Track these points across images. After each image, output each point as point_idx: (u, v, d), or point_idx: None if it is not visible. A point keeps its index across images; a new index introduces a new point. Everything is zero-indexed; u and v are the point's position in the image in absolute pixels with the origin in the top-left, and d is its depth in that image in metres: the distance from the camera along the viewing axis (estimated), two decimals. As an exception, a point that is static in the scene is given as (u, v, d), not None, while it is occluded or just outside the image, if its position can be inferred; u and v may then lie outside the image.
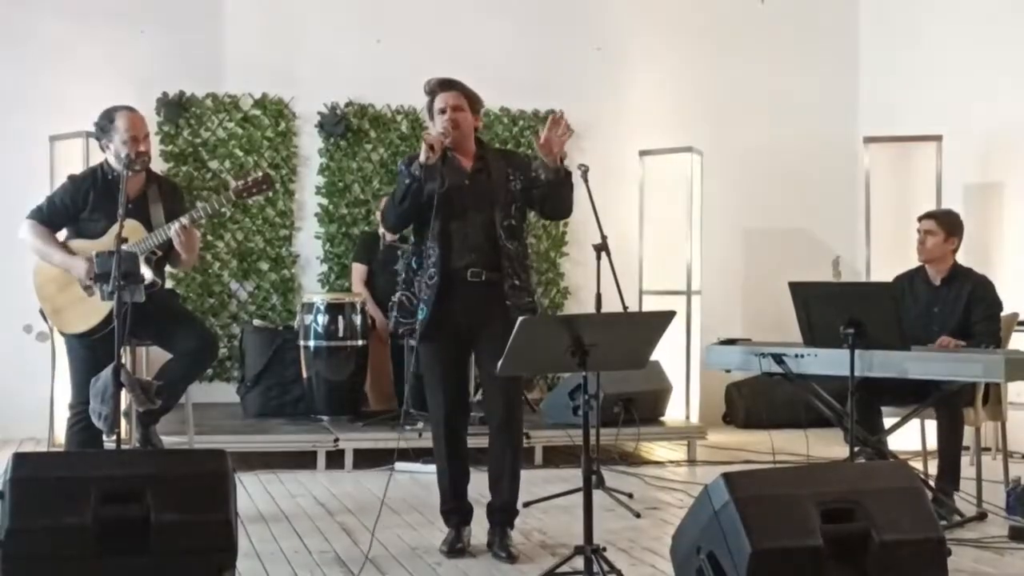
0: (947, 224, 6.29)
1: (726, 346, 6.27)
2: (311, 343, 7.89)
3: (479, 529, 5.38)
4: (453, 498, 5.29)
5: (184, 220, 5.36)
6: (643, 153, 9.06)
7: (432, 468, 5.47)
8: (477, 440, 6.84)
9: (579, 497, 4.75)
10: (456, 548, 5.22)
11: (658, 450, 8.18)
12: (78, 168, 6.67)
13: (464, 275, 5.08)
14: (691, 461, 7.82)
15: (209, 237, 8.76)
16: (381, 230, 8.40)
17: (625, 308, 6.68)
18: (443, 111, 5.13)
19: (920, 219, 6.38)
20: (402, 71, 9.10)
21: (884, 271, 7.61)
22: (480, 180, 5.16)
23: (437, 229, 5.07)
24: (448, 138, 5.07)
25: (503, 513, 5.28)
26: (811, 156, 9.81)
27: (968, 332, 6.09)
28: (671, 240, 8.82)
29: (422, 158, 5.01)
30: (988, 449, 7.45)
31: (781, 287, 5.97)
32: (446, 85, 5.19)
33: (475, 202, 5.11)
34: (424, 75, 5.40)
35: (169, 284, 6.07)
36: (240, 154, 8.92)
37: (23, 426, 8.25)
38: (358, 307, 7.99)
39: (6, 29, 8.55)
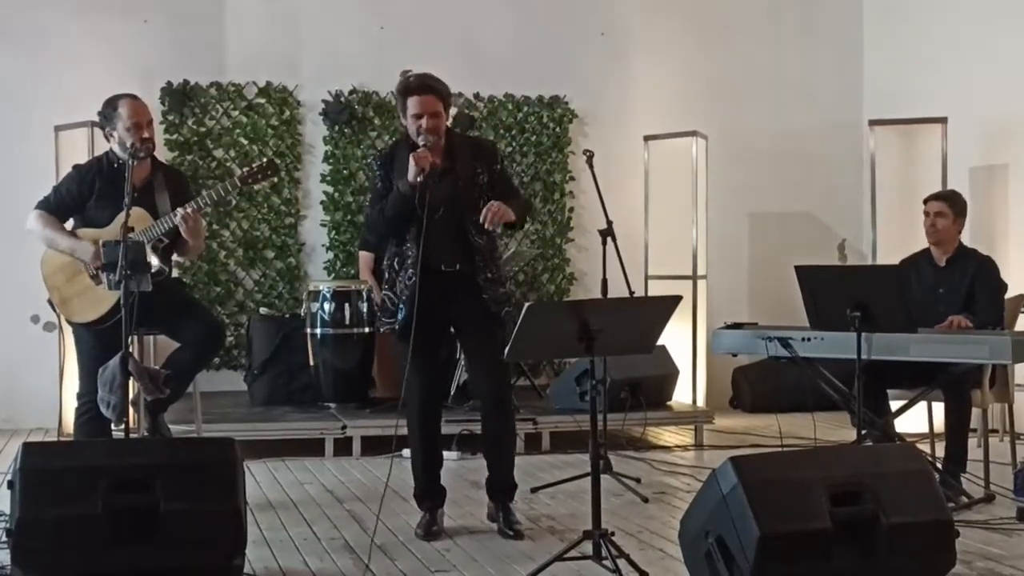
0: (956, 205, 6.31)
1: (732, 330, 6.26)
2: (318, 331, 7.90)
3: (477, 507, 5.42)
4: (427, 482, 5.36)
5: (189, 207, 5.36)
6: (648, 138, 9.04)
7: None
8: (470, 426, 6.93)
9: (587, 482, 4.76)
10: (432, 531, 5.30)
11: (665, 435, 8.18)
12: (83, 158, 6.66)
13: (439, 270, 5.16)
14: (698, 445, 7.83)
15: (215, 226, 8.77)
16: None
17: (631, 293, 6.69)
18: (419, 116, 5.10)
19: (927, 201, 6.37)
20: (406, 58, 9.04)
21: (890, 254, 7.60)
22: (449, 178, 5.19)
23: (414, 231, 5.11)
24: (431, 148, 5.08)
25: (503, 490, 5.40)
26: (816, 139, 9.79)
27: (972, 312, 6.08)
28: (676, 225, 8.81)
29: (412, 177, 5.03)
30: (995, 431, 7.45)
31: (787, 271, 5.96)
32: (422, 88, 5.13)
33: (446, 200, 5.14)
34: (428, 62, 5.44)
35: (175, 273, 6.07)
36: (245, 143, 8.92)
37: (32, 416, 8.30)
38: (364, 294, 7.99)
39: (10, 21, 8.54)
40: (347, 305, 7.91)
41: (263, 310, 8.70)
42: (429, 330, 5.19)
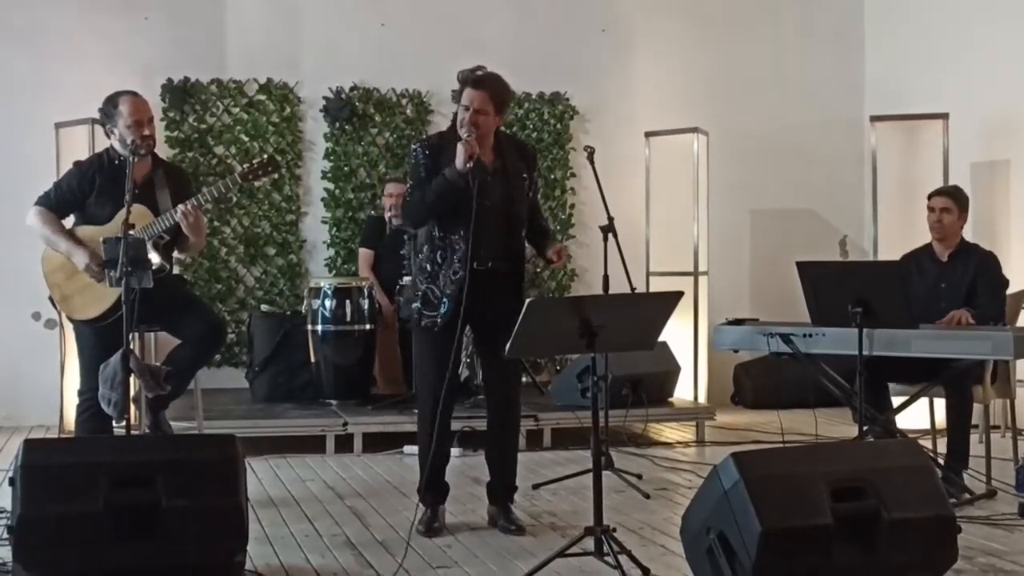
0: (960, 200, 6.32)
1: (734, 326, 6.26)
2: (319, 328, 7.90)
3: (476, 506, 5.42)
4: (433, 477, 5.33)
5: (189, 203, 5.36)
6: (649, 134, 9.04)
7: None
8: (471, 423, 6.88)
9: (588, 479, 4.76)
10: (433, 527, 5.29)
11: (667, 431, 8.18)
12: (83, 155, 6.68)
13: (486, 269, 5.15)
14: (700, 442, 7.83)
15: (216, 223, 8.77)
16: (387, 215, 8.40)
17: (632, 289, 6.68)
18: (466, 108, 5.12)
19: (932, 196, 6.37)
20: (407, 55, 9.10)
21: (891, 250, 7.60)
22: (500, 178, 5.21)
23: (463, 226, 5.09)
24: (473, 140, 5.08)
25: (507, 491, 5.42)
26: (817, 135, 9.78)
27: (973, 307, 6.08)
28: (678, 221, 8.81)
29: (460, 164, 5.02)
30: (997, 427, 7.45)
31: (788, 267, 5.96)
32: (477, 83, 5.15)
33: (496, 200, 5.16)
34: (428, 58, 5.47)
35: (176, 270, 6.07)
36: (245, 139, 8.92)
37: (33, 413, 8.30)
38: (365, 291, 7.99)
39: (11, 18, 8.54)
40: (348, 302, 7.90)
41: (264, 307, 8.70)
42: (459, 329, 5.15)
